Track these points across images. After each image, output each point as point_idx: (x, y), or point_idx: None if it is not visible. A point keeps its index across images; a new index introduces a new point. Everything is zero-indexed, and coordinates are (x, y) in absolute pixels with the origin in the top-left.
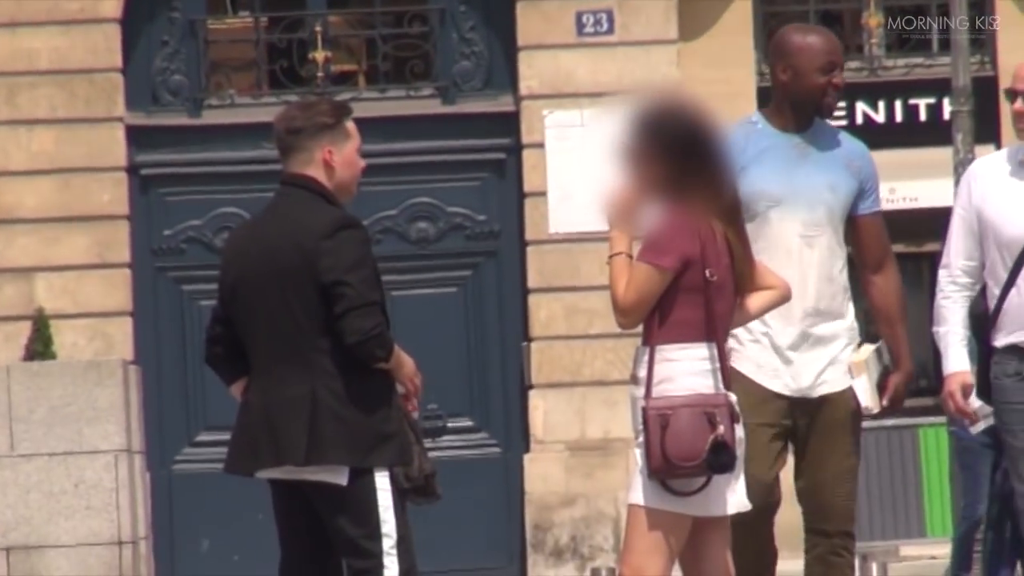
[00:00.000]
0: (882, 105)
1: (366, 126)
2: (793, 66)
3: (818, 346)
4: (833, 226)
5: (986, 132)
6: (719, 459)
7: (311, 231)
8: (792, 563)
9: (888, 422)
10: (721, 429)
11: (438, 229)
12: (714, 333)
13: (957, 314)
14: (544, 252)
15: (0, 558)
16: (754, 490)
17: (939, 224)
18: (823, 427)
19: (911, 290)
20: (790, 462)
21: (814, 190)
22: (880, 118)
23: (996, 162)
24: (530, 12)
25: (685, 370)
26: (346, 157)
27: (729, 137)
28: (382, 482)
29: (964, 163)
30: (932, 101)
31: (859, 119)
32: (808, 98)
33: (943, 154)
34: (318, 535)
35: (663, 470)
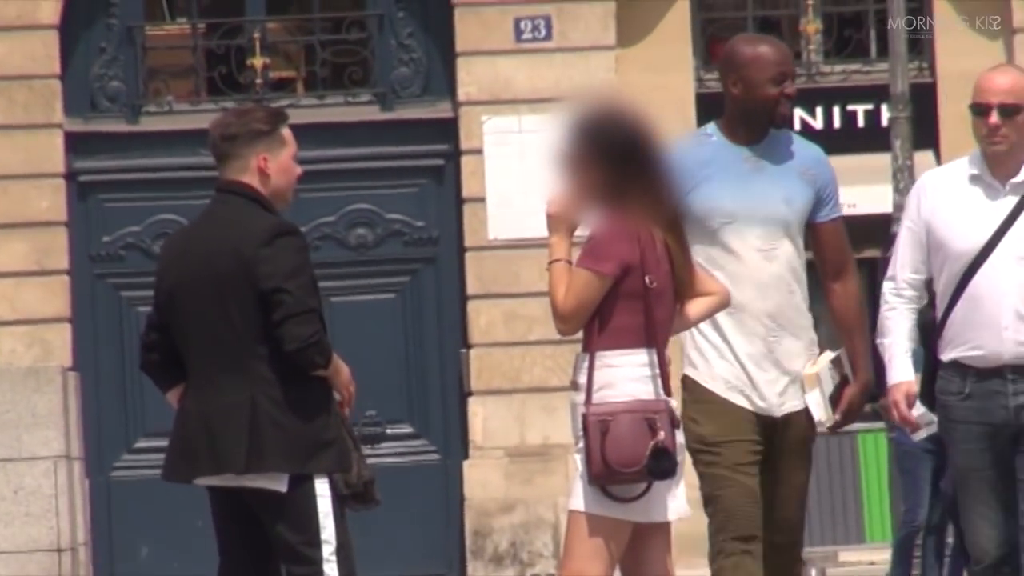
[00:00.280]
0: (820, 111)
1: (305, 132)
2: (744, 79)
3: (781, 362)
4: (791, 238)
5: (924, 138)
6: (660, 465)
7: (249, 238)
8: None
9: None
10: (662, 435)
11: (376, 235)
12: (654, 339)
13: (902, 325)
14: (483, 258)
15: None
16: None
17: (877, 230)
18: (787, 446)
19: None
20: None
21: (769, 204)
22: (818, 124)
23: (946, 175)
24: (468, 18)
25: (625, 376)
26: (281, 164)
27: (678, 146)
28: (322, 489)
29: (902, 169)
30: (870, 107)
31: (797, 125)
32: (761, 110)
33: (881, 160)
34: (257, 541)
35: (604, 476)
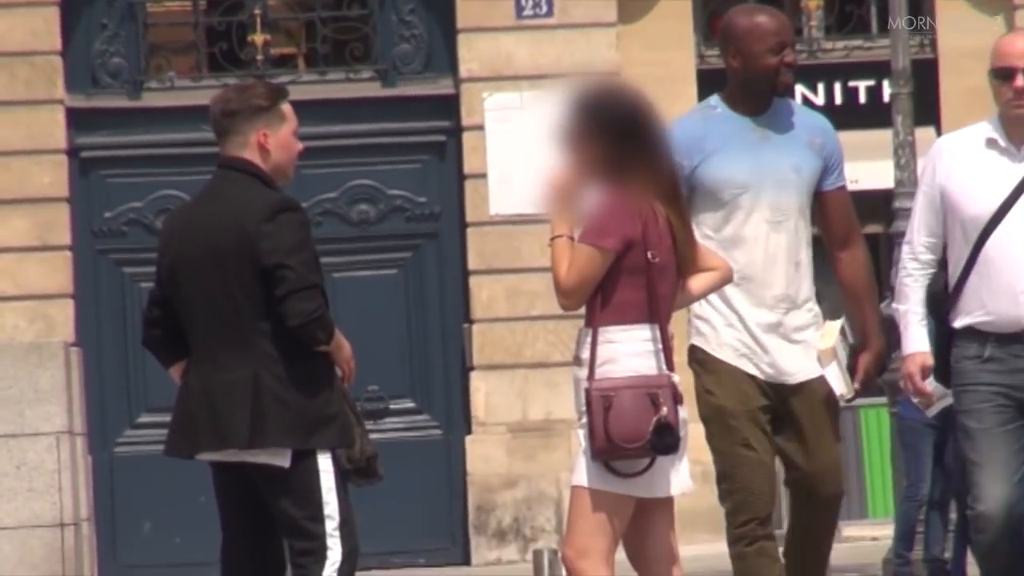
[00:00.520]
0: (821, 87)
1: (306, 109)
2: (743, 51)
3: (791, 332)
4: (800, 208)
5: (926, 114)
6: (663, 440)
7: (251, 214)
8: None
9: None
10: (664, 410)
11: (378, 211)
12: (657, 314)
13: (918, 292)
14: (485, 234)
15: None
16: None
17: (879, 206)
18: (809, 413)
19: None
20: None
21: (779, 173)
22: (820, 100)
23: (963, 139)
24: None
25: (628, 351)
26: (281, 140)
27: (684, 120)
28: (324, 464)
29: (904, 145)
30: (872, 83)
31: (799, 101)
32: (762, 80)
33: (883, 136)
34: (260, 517)
35: (607, 451)
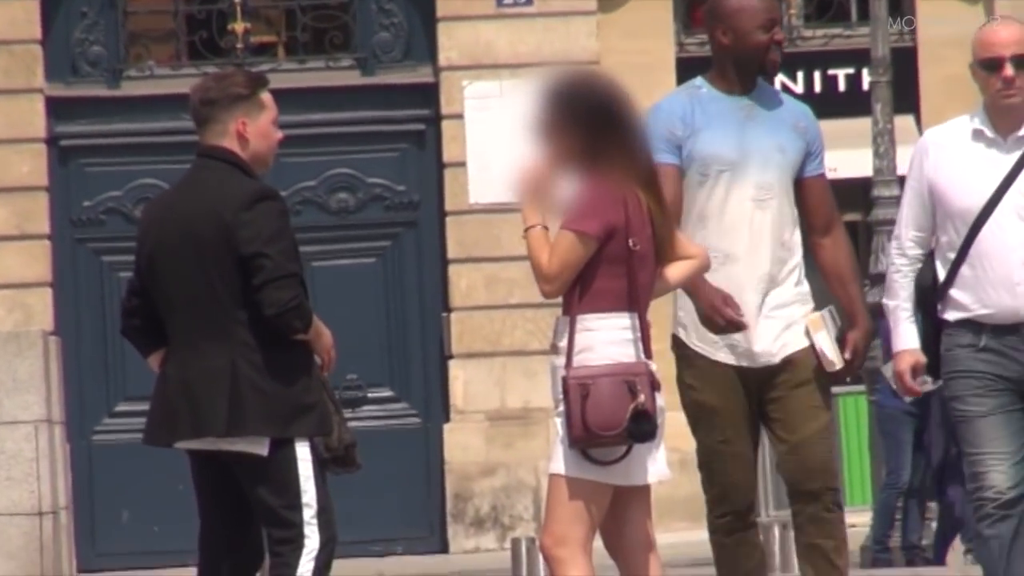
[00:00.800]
0: (801, 75)
1: (285, 97)
2: (733, 28)
3: (775, 311)
4: (784, 188)
5: (905, 103)
6: (640, 428)
7: (229, 203)
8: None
9: None
10: (642, 398)
11: (358, 200)
12: (636, 303)
13: (907, 288)
14: (464, 222)
15: None
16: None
17: (858, 194)
18: (792, 389)
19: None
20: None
21: (764, 152)
22: (799, 88)
23: (948, 132)
24: None
25: (605, 339)
26: (260, 128)
27: (668, 100)
28: (302, 452)
29: (883, 133)
30: (851, 71)
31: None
32: (752, 58)
33: (862, 124)
34: (238, 505)
35: (584, 439)
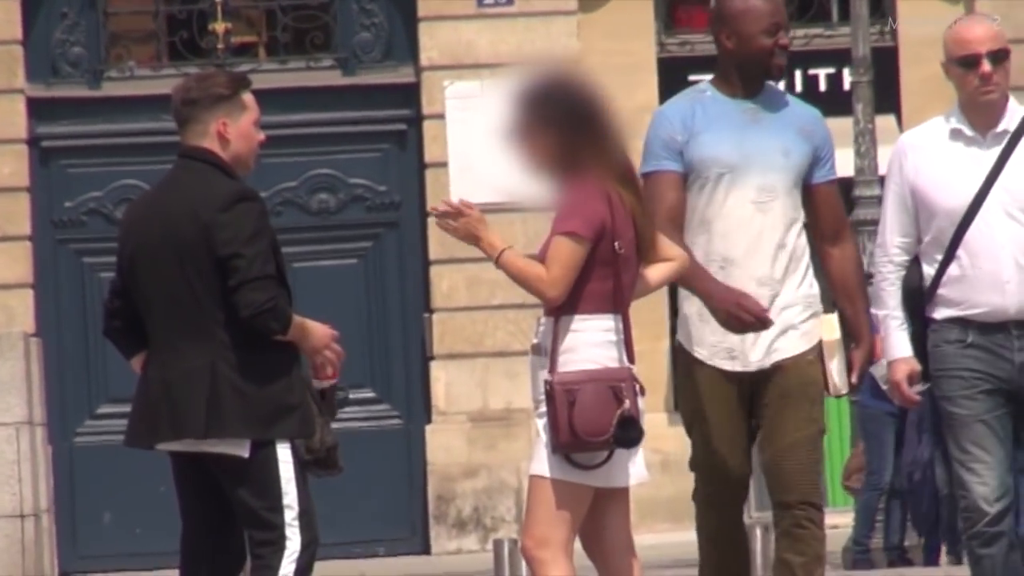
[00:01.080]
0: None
1: (266, 98)
2: (737, 32)
3: (773, 315)
4: (787, 192)
5: (886, 102)
6: (627, 434)
7: (208, 203)
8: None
9: None
10: (627, 403)
11: (339, 200)
12: (620, 304)
13: (895, 296)
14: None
15: None
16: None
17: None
18: (777, 395)
19: (814, 259)
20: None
21: (767, 155)
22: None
23: (925, 133)
24: None
25: (589, 341)
26: (241, 129)
27: (666, 104)
28: (284, 454)
29: (864, 133)
30: (832, 71)
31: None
32: (756, 62)
33: (843, 124)
34: (220, 507)
35: (571, 445)
